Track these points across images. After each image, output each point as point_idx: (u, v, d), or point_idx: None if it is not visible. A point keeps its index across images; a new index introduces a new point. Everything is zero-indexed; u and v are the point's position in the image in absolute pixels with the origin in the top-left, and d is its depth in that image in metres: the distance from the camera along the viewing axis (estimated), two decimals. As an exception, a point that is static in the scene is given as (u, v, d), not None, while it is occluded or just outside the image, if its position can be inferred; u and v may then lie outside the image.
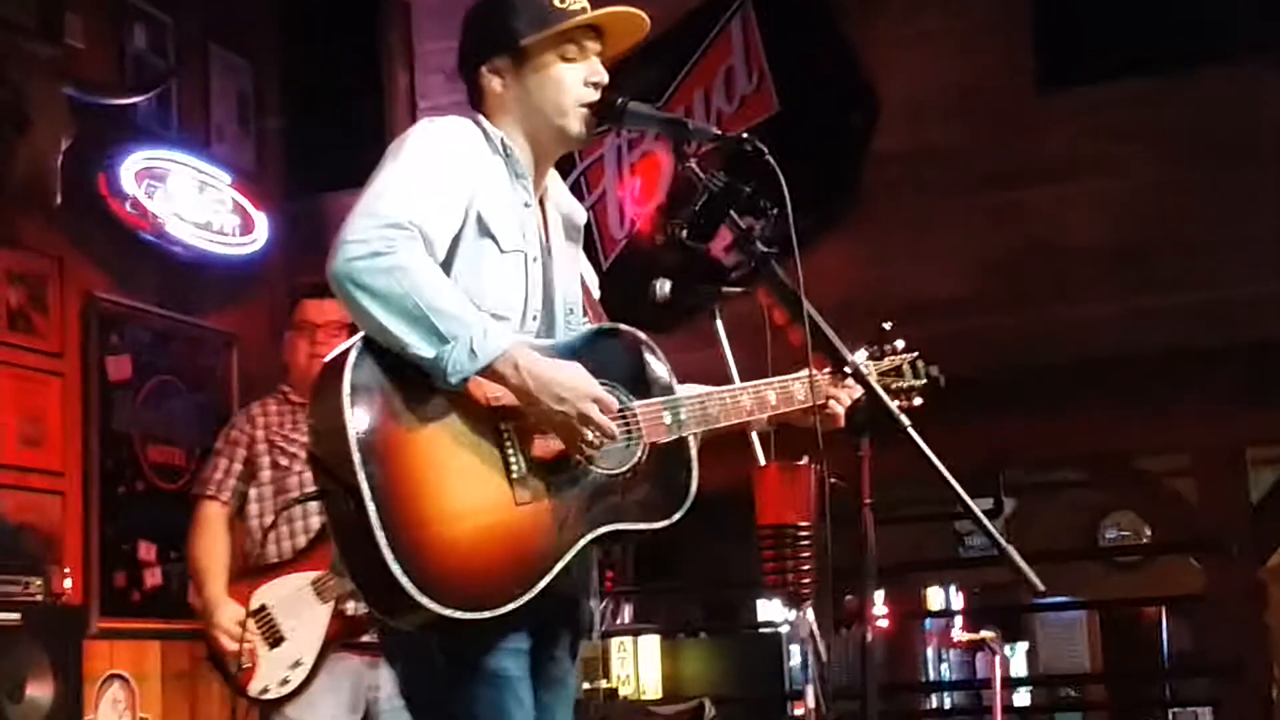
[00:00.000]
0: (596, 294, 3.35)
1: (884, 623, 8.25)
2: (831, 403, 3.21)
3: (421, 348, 2.74)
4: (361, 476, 2.66)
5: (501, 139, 3.08)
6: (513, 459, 2.84)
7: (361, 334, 2.80)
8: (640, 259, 7.24)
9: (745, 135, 2.86)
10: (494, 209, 3.00)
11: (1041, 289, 7.04)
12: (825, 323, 2.80)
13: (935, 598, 12.76)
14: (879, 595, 6.43)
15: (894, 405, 2.83)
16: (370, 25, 8.07)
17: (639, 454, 2.98)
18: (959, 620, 11.11)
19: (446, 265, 2.91)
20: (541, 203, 3.20)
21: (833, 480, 2.82)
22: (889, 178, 7.24)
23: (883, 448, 2.97)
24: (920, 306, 6.87)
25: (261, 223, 7.50)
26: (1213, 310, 6.70)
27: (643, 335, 3.11)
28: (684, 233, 2.84)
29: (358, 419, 2.69)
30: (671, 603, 10.61)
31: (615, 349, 3.08)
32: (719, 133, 2.94)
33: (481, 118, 3.11)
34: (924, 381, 3.42)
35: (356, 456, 2.66)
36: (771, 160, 2.82)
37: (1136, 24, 6.86)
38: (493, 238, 2.98)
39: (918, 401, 3.38)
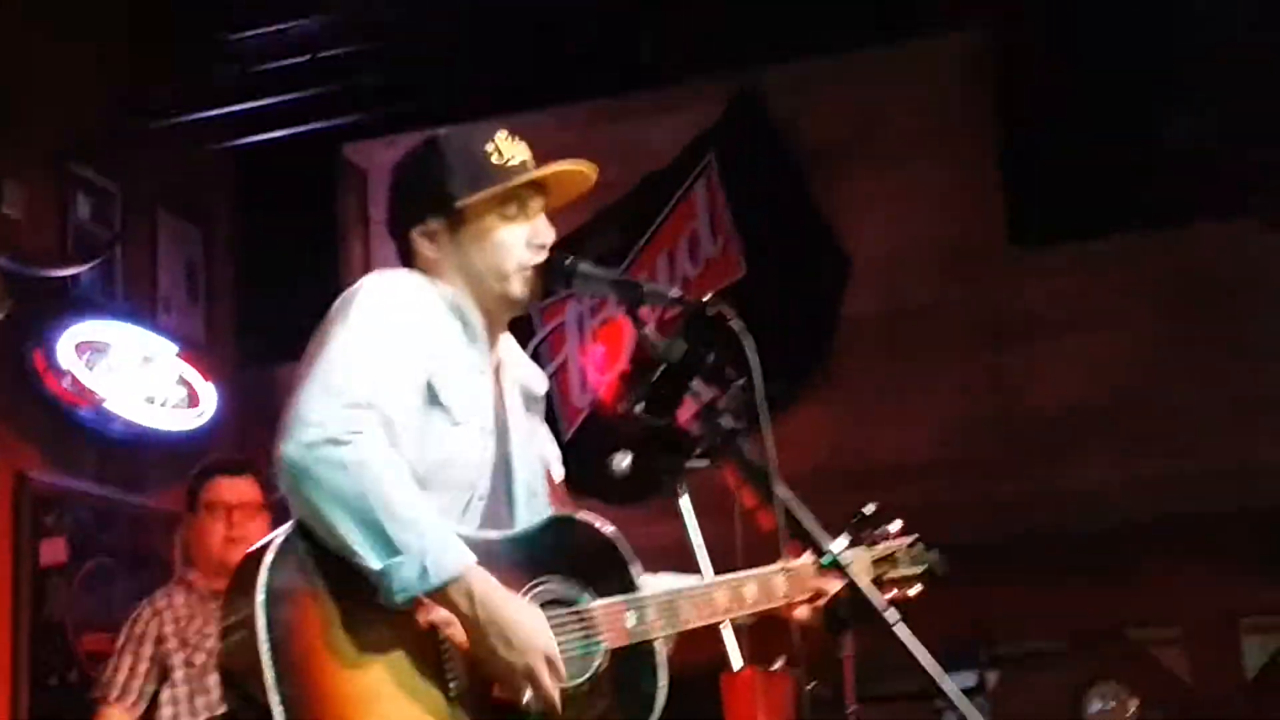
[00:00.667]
0: (559, 472, 3.06)
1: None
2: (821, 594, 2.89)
3: (367, 557, 2.44)
4: (275, 698, 2.34)
5: (454, 299, 2.80)
6: (450, 674, 2.51)
7: (286, 527, 2.49)
8: (603, 429, 6.94)
9: (708, 298, 2.57)
10: (447, 375, 2.72)
11: (1024, 453, 6.80)
12: (800, 505, 2.48)
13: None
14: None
15: (880, 600, 2.48)
16: (325, 192, 7.84)
17: (598, 660, 2.65)
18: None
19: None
20: (496, 372, 2.91)
21: (812, 685, 2.48)
22: (861, 340, 7.02)
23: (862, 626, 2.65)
24: (897, 472, 6.64)
25: (209, 395, 7.18)
26: (1204, 476, 6.45)
27: (604, 525, 2.79)
28: (641, 406, 2.54)
29: (273, 630, 2.37)
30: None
31: (573, 540, 2.75)
32: (677, 295, 2.66)
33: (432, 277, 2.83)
34: (922, 570, 3.12)
35: (269, 675, 2.35)
36: (736, 325, 2.53)
37: (1109, 180, 6.68)
38: (443, 407, 2.69)
39: (914, 591, 3.08)
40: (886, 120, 7.14)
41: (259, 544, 2.47)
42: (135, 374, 6.81)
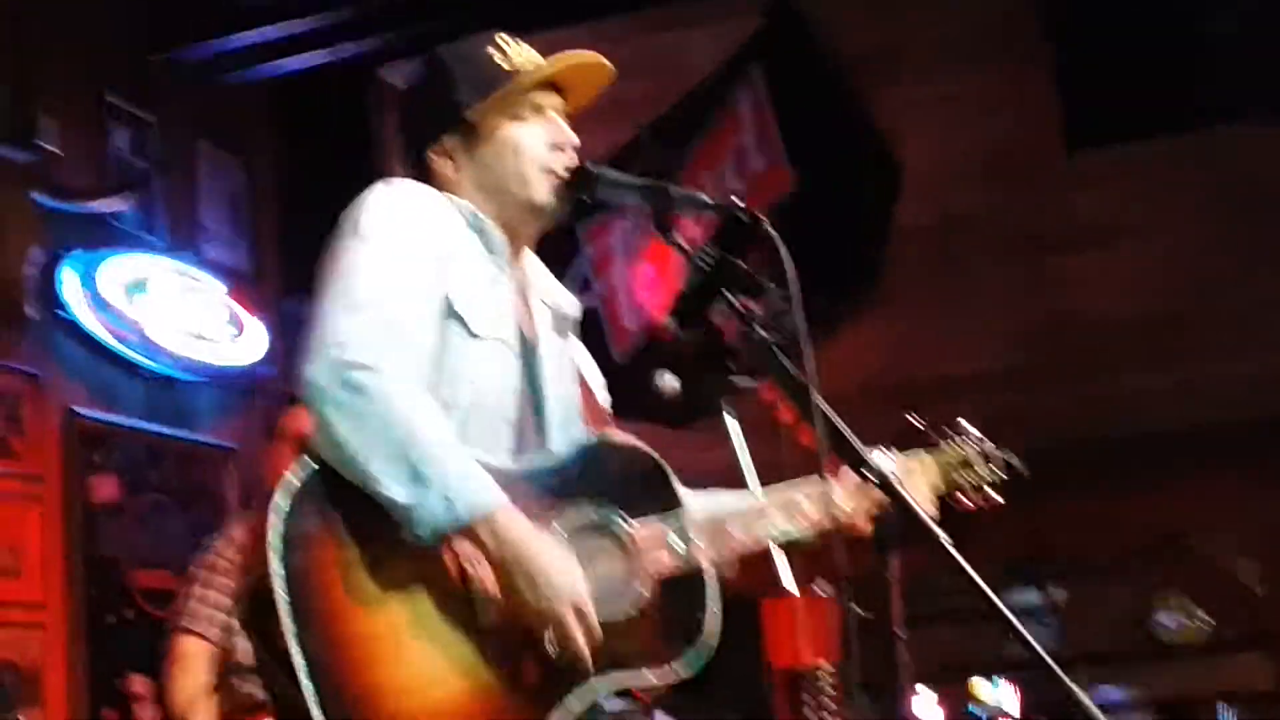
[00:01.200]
0: (603, 396, 2.93)
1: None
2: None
3: (394, 489, 2.32)
4: (294, 647, 2.24)
5: (471, 210, 2.67)
6: (480, 614, 2.39)
7: (298, 463, 2.39)
8: (655, 352, 6.85)
9: (738, 202, 2.45)
10: (464, 287, 2.58)
11: (1080, 362, 6.68)
12: (840, 419, 2.37)
13: (983, 686, 12.21)
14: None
15: (931, 521, 2.35)
16: (364, 115, 7.72)
17: (641, 590, 2.52)
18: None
19: None
20: (523, 291, 2.78)
21: (857, 610, 2.37)
22: (912, 251, 6.89)
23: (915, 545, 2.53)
24: (950, 386, 6.55)
25: (256, 328, 7.10)
26: (1264, 380, 6.28)
27: (642, 444, 2.66)
28: (673, 320, 2.42)
29: (290, 574, 2.27)
30: (709, 711, 10.07)
31: (607, 461, 2.61)
32: (707, 199, 2.53)
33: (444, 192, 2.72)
34: (997, 472, 2.99)
35: (288, 623, 2.24)
36: (770, 230, 2.41)
37: (1169, 77, 6.49)
38: (461, 320, 2.56)
39: (997, 497, 2.96)
40: (930, 23, 6.96)
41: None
42: (180, 308, 6.72)
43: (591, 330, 6.86)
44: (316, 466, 2.39)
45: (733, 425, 3.70)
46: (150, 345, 6.56)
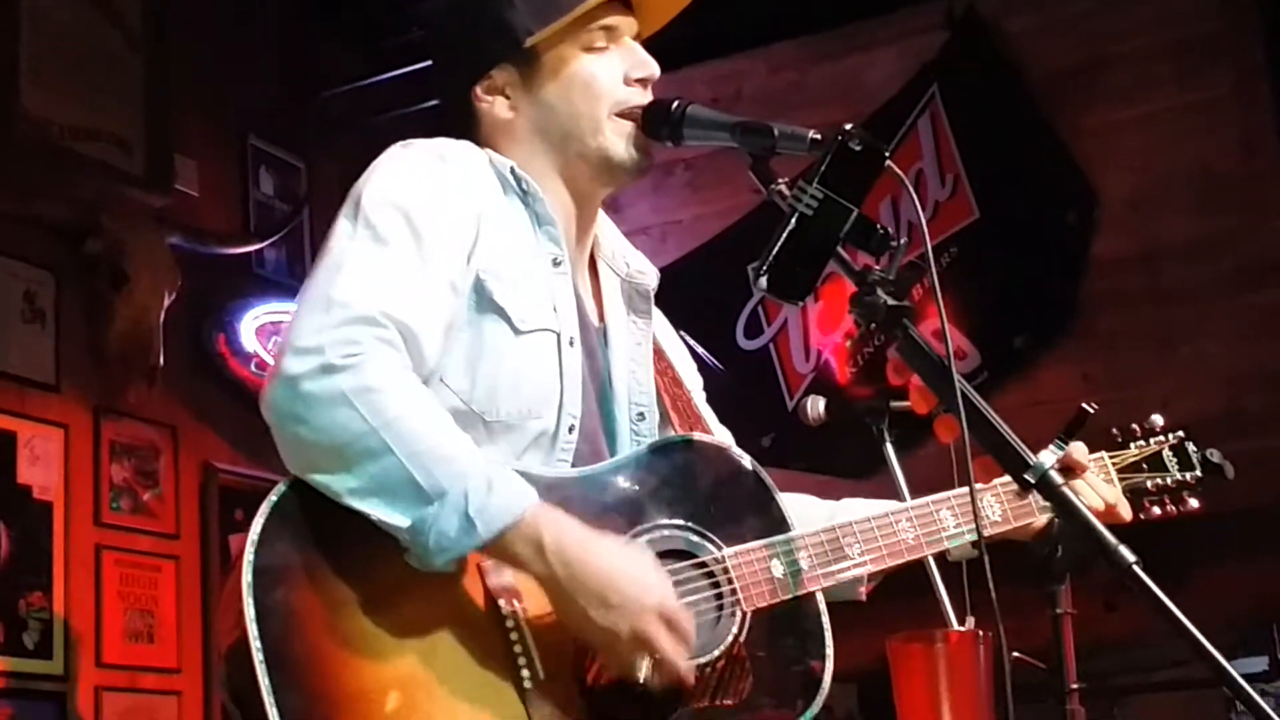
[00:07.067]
0: (699, 395, 2.40)
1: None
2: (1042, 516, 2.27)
3: (389, 513, 1.85)
4: (273, 711, 1.77)
5: (512, 169, 2.19)
6: (523, 659, 1.89)
7: (281, 486, 1.93)
8: (830, 397, 6.30)
9: (849, 128, 1.94)
10: (504, 270, 2.10)
11: (1315, 401, 5.93)
12: (991, 409, 1.84)
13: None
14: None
15: (1110, 537, 1.81)
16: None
17: (734, 629, 2.00)
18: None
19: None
20: (593, 263, 2.29)
21: (1017, 656, 1.82)
22: (1116, 284, 6.23)
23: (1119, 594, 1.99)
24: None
25: (404, 377, 6.74)
26: None
27: (737, 450, 2.15)
28: (764, 280, 1.90)
29: (266, 622, 1.81)
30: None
31: (691, 469, 2.07)
32: (816, 135, 2.03)
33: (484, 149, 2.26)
34: (1199, 473, 2.45)
35: (264, 680, 1.77)
36: (894, 167, 1.90)
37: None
38: (502, 313, 2.08)
39: (1194, 504, 2.42)
40: (1130, 36, 6.35)
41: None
42: (325, 357, 6.39)
43: (764, 374, 6.30)
44: (291, 483, 1.93)
45: (891, 453, 3.24)
46: (294, 396, 6.22)
